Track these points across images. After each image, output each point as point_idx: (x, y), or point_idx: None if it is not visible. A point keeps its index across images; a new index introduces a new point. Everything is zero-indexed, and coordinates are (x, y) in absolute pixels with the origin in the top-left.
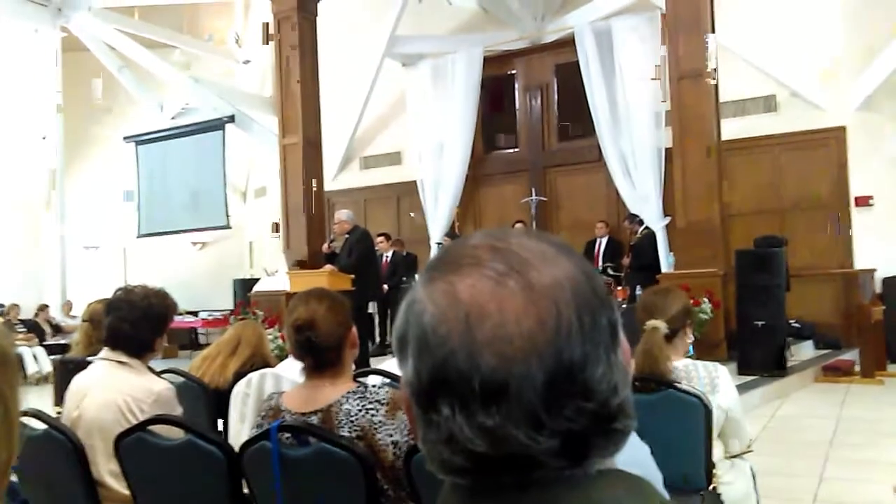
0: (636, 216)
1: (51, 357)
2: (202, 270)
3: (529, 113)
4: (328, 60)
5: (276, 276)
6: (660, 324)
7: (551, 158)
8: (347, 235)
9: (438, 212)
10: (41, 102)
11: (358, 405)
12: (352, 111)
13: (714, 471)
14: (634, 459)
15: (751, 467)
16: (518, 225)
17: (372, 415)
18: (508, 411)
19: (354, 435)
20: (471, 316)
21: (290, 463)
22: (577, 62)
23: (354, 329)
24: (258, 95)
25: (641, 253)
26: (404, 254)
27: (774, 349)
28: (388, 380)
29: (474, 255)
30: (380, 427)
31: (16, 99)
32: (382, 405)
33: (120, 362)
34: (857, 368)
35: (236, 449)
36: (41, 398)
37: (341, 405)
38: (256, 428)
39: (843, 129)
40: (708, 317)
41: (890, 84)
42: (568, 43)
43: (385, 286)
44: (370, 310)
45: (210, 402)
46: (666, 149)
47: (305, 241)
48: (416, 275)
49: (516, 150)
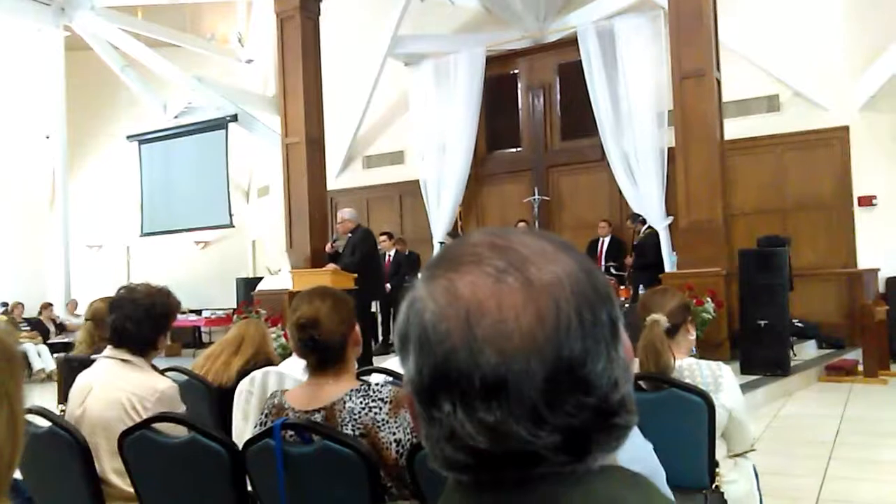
0: (639, 216)
1: (55, 355)
2: (205, 269)
3: (532, 112)
4: (331, 60)
5: (280, 275)
6: (660, 317)
7: (554, 158)
8: (350, 235)
9: (441, 211)
10: (44, 102)
11: (361, 403)
12: (354, 110)
13: (717, 470)
14: (637, 457)
15: (754, 466)
16: (521, 224)
17: (375, 413)
18: (509, 407)
19: (357, 433)
20: (471, 313)
21: (294, 460)
22: (580, 62)
23: (357, 327)
24: (261, 95)
25: (644, 252)
26: (407, 253)
27: (777, 349)
28: (391, 378)
29: (474, 253)
30: (383, 425)
31: (19, 98)
32: (385, 403)
33: (123, 360)
34: (861, 368)
35: (240, 447)
36: (45, 396)
37: (344, 403)
38: (260, 426)
39: (847, 129)
40: (711, 316)
41: (893, 83)
42: (571, 42)
43: (388, 285)
44: (373, 309)
45: (213, 401)
46: (669, 148)
47: (308, 240)
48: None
49: (519, 150)
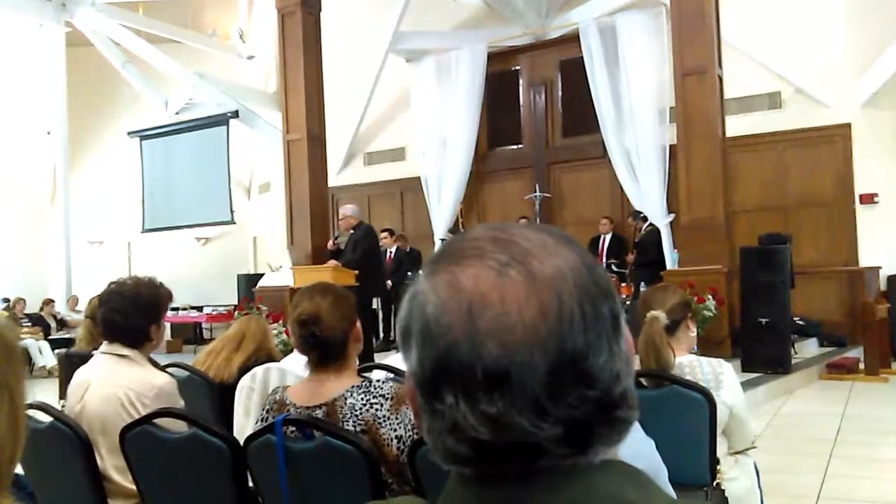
0: (640, 213)
1: (55, 351)
2: (207, 266)
3: (533, 109)
4: (332, 56)
5: (281, 272)
6: (659, 313)
7: (555, 155)
8: (352, 231)
9: (442, 208)
10: (46, 98)
11: (362, 399)
12: (355, 107)
13: (718, 467)
14: (639, 454)
15: (755, 464)
16: (522, 221)
17: (376, 409)
18: (512, 399)
19: (359, 429)
20: (473, 306)
21: (295, 456)
22: (582, 58)
23: (359, 323)
24: (262, 91)
25: (645, 250)
26: (408, 249)
27: (779, 346)
28: (393, 374)
29: (476, 247)
30: (384, 421)
31: (20, 94)
32: (387, 400)
33: (119, 355)
34: (862, 366)
35: (241, 442)
36: (46, 392)
37: (346, 399)
38: (261, 422)
39: (849, 126)
40: (712, 314)
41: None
42: (572, 39)
43: (389, 282)
44: (374, 305)
45: (215, 397)
46: (670, 145)
47: (309, 237)
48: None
49: (520, 147)
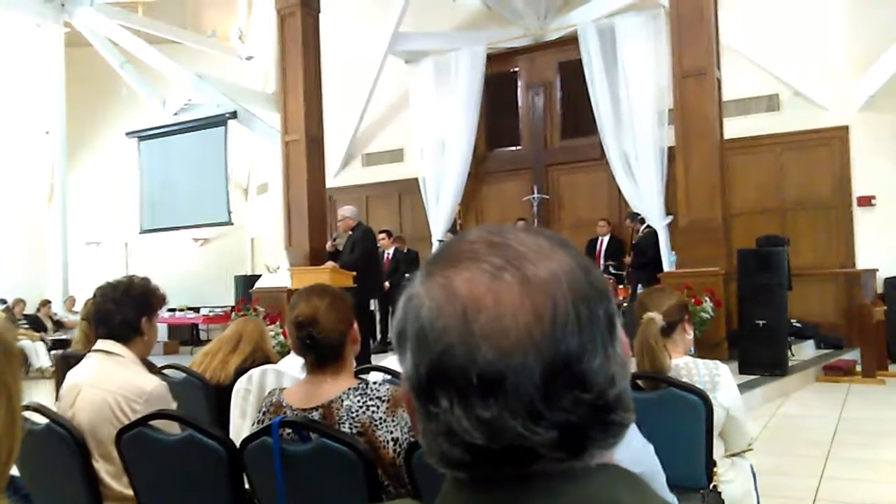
0: (638, 215)
1: (52, 352)
2: (204, 267)
3: (532, 111)
4: (331, 57)
5: (278, 273)
6: (655, 315)
7: (554, 156)
8: (351, 232)
9: (440, 209)
10: (44, 98)
11: (359, 402)
12: (354, 108)
13: (714, 469)
14: (637, 459)
15: (751, 466)
16: (520, 223)
17: (373, 411)
18: (506, 403)
19: (355, 431)
20: (468, 309)
21: (291, 458)
22: (581, 60)
23: (356, 325)
24: (261, 92)
25: (643, 251)
26: (406, 251)
27: (776, 349)
28: (389, 377)
29: (471, 250)
30: (380, 424)
31: (19, 94)
32: (383, 402)
33: (109, 353)
34: (859, 368)
35: (237, 444)
36: (42, 393)
37: (342, 401)
38: (258, 423)
39: (846, 129)
40: (709, 316)
41: (893, 84)
42: (571, 41)
43: (386, 283)
44: (371, 307)
45: (211, 398)
46: (668, 147)
47: (307, 238)
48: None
49: (519, 148)
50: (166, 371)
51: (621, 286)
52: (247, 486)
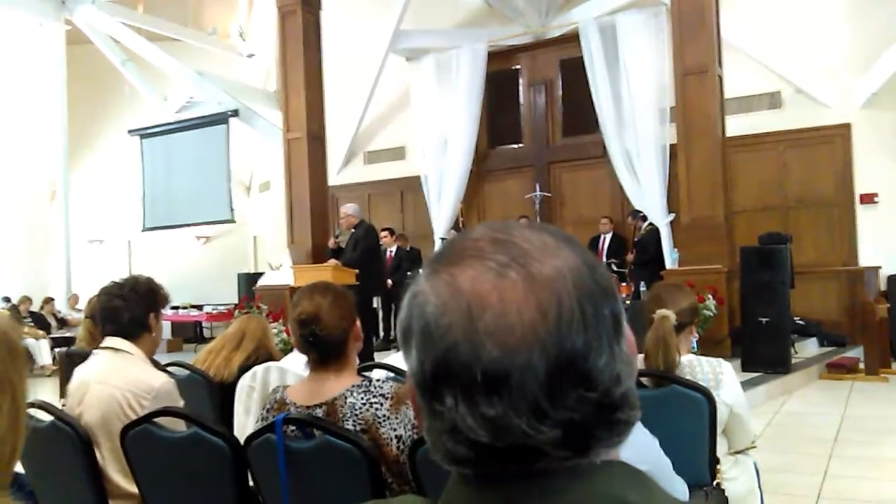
0: (640, 212)
1: (56, 350)
2: (207, 264)
3: (534, 108)
4: (332, 55)
5: (281, 271)
6: (670, 313)
7: (555, 154)
8: (353, 230)
9: (442, 207)
10: (46, 96)
11: (362, 399)
12: (356, 106)
13: (718, 467)
14: (643, 458)
15: (755, 463)
16: (522, 220)
17: (376, 409)
18: (511, 401)
19: (358, 428)
20: (472, 307)
21: (295, 455)
22: (582, 58)
23: (359, 322)
24: (262, 89)
25: (645, 249)
26: (408, 248)
27: (779, 346)
28: (393, 374)
29: (476, 248)
30: (384, 421)
31: (20, 92)
32: (387, 399)
33: (119, 350)
34: (862, 366)
35: (241, 441)
36: (46, 391)
37: (346, 398)
38: (261, 421)
39: (849, 127)
40: (712, 313)
41: (895, 81)
42: (573, 38)
43: (389, 281)
44: (374, 304)
45: (215, 395)
46: (670, 145)
47: (309, 236)
48: (420, 269)
49: (521, 146)
50: (170, 368)
51: (624, 284)
52: (251, 483)
